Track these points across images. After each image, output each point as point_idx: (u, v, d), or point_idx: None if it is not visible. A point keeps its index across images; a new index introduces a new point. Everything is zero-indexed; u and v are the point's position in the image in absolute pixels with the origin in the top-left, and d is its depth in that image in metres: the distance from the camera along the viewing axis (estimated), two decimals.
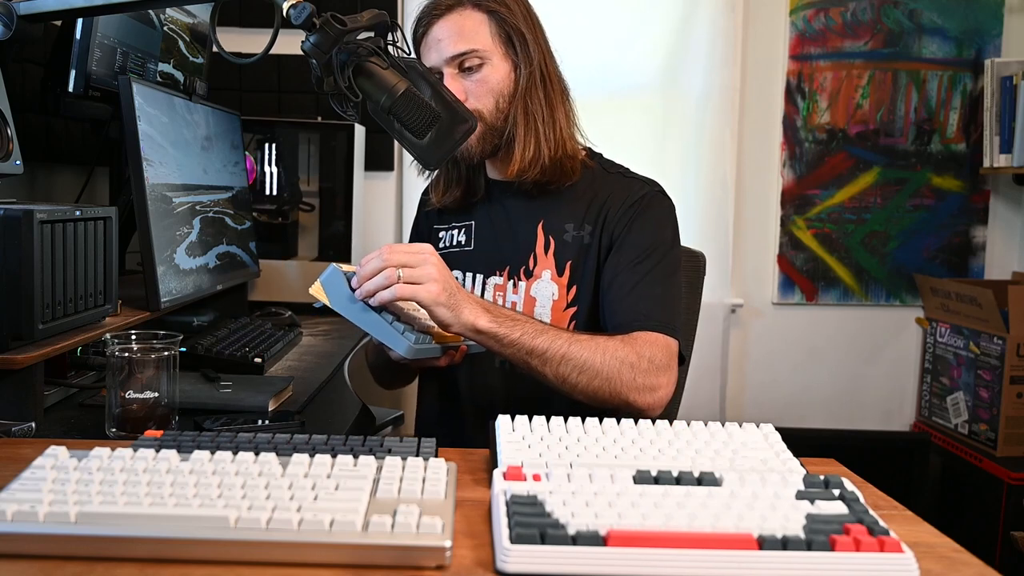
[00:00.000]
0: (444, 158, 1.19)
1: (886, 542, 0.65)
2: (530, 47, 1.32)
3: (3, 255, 1.08)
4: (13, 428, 1.04)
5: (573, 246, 1.34)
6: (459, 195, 1.41)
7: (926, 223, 2.78)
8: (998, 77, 2.62)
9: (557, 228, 1.35)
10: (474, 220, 1.42)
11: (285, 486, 0.72)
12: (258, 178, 2.21)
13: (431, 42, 1.31)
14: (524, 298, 1.34)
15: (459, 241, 1.42)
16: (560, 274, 1.34)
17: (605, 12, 2.63)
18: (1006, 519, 2.33)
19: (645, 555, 0.64)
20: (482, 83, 1.30)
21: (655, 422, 0.95)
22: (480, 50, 1.29)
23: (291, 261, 2.23)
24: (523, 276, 1.35)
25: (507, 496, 0.71)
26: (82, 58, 1.51)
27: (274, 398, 1.28)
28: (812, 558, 0.64)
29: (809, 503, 0.73)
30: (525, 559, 0.63)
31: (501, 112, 1.31)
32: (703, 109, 2.63)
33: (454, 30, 1.29)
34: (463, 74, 1.30)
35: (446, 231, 1.45)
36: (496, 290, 1.37)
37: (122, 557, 0.66)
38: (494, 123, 1.31)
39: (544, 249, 1.35)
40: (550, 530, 0.64)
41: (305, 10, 1.03)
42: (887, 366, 2.82)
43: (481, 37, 1.30)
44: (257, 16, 2.38)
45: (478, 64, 1.29)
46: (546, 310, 1.33)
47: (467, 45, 1.28)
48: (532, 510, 0.68)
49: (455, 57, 1.29)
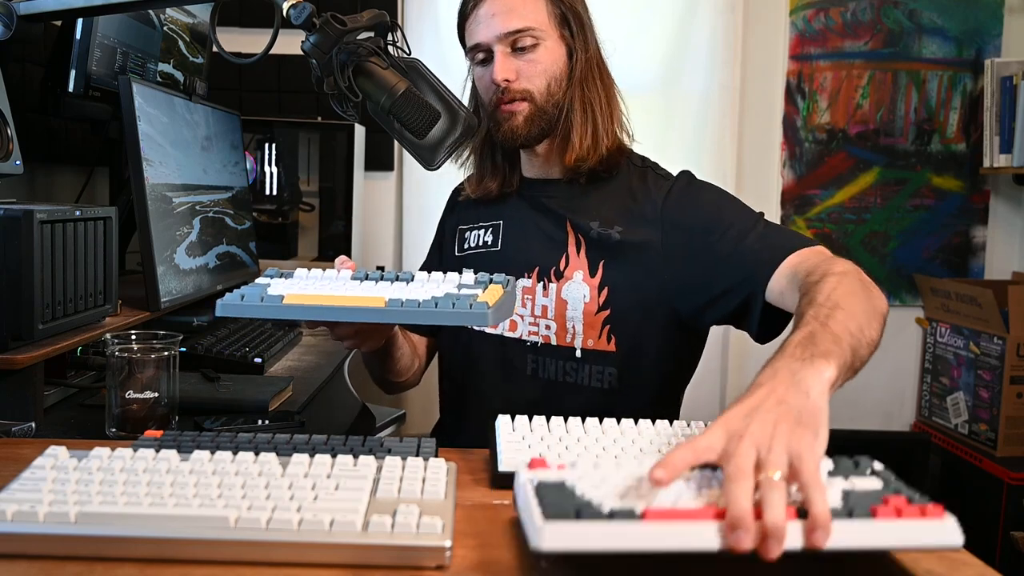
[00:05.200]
0: (444, 158, 1.19)
1: (927, 509, 0.63)
2: (587, 31, 1.29)
3: (3, 255, 1.08)
4: (13, 428, 1.04)
5: (604, 244, 1.27)
6: (495, 188, 1.36)
7: (926, 223, 2.78)
8: (998, 77, 2.62)
9: (586, 226, 1.28)
10: (502, 219, 1.36)
11: (285, 486, 0.72)
12: (258, 178, 2.21)
13: (482, 17, 1.25)
14: (555, 300, 1.28)
15: (485, 241, 1.37)
16: (592, 275, 1.27)
17: (605, 12, 2.61)
18: (1006, 519, 2.33)
19: (684, 529, 0.61)
20: (535, 63, 1.25)
21: (655, 422, 0.95)
22: (535, 29, 1.24)
23: (291, 261, 2.23)
24: (553, 277, 1.29)
25: (534, 484, 0.68)
26: (82, 58, 1.51)
27: (274, 398, 1.28)
28: (856, 526, 0.62)
29: (843, 479, 0.70)
30: (561, 536, 0.60)
31: (552, 96, 1.27)
32: (703, 109, 2.63)
33: (509, 6, 1.24)
34: (515, 53, 1.25)
35: (471, 231, 1.40)
36: (524, 292, 1.30)
37: (122, 557, 0.66)
38: (543, 106, 1.26)
39: (576, 248, 1.29)
40: (584, 509, 0.61)
41: (305, 10, 1.03)
42: (887, 366, 2.82)
43: (538, 15, 1.25)
44: (257, 16, 2.38)
45: (532, 44, 1.25)
46: (578, 313, 1.26)
47: (522, 22, 1.24)
48: (563, 493, 0.65)
49: (509, 34, 1.24)
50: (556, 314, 1.28)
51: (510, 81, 1.25)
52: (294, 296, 0.96)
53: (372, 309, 0.94)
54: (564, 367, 1.28)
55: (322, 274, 1.07)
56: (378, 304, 0.94)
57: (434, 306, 0.93)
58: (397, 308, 0.93)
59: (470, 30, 1.29)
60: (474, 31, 1.28)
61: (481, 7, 1.27)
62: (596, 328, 1.26)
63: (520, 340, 1.31)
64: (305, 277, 1.06)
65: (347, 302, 0.95)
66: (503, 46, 1.25)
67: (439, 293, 0.98)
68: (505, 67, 1.24)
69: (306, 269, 1.08)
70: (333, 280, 1.05)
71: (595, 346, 1.27)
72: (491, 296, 0.96)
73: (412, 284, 1.04)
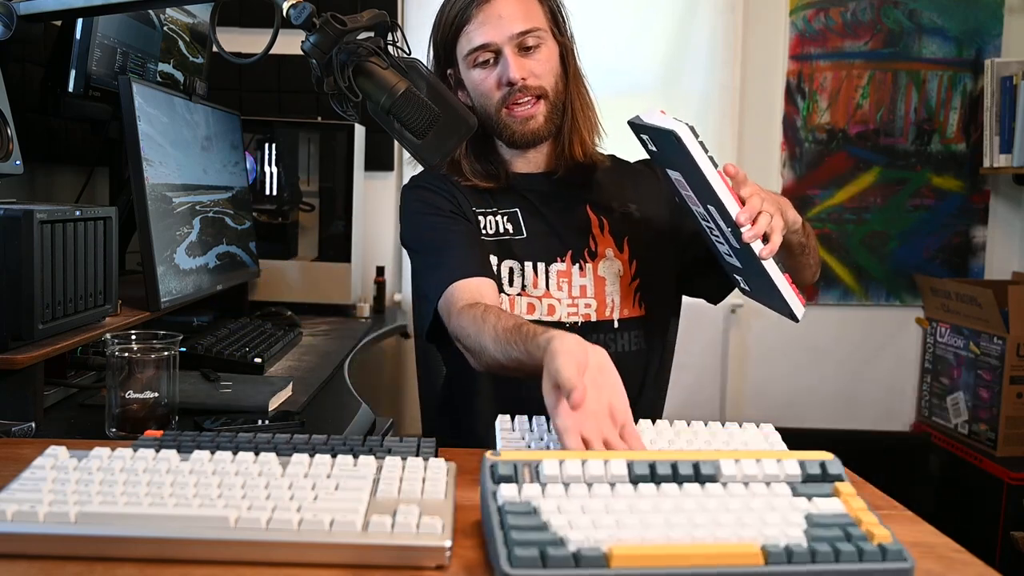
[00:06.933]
0: (444, 158, 1.19)
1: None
2: (570, 28, 1.37)
3: (3, 255, 1.08)
4: (13, 428, 1.04)
5: (626, 221, 1.37)
6: (479, 181, 1.37)
7: (926, 223, 2.78)
8: (998, 77, 2.62)
9: (605, 207, 1.38)
10: (517, 208, 1.37)
11: (285, 486, 0.72)
12: (258, 178, 2.21)
13: (489, 18, 1.29)
14: (593, 279, 1.34)
15: (507, 229, 1.36)
16: (621, 250, 1.36)
17: (605, 13, 2.63)
18: (1006, 519, 2.33)
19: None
20: (544, 62, 1.31)
21: (655, 422, 0.95)
22: (540, 29, 1.31)
23: (291, 261, 2.23)
24: (587, 257, 1.35)
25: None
26: (82, 58, 1.51)
27: (274, 398, 1.28)
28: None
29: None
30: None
31: (560, 93, 1.34)
32: (703, 109, 2.63)
33: (519, 7, 1.30)
34: (522, 53, 1.30)
35: (485, 215, 1.37)
36: (559, 276, 1.34)
37: (122, 557, 0.66)
38: (556, 102, 1.33)
39: (600, 228, 1.37)
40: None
41: (305, 10, 1.03)
42: (887, 366, 2.82)
43: (540, 17, 1.32)
44: (257, 16, 2.37)
45: (536, 44, 1.30)
46: (616, 288, 1.35)
47: (529, 23, 1.30)
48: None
49: (520, 34, 1.29)
50: (595, 292, 1.34)
51: (525, 79, 1.29)
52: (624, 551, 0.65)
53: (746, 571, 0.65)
54: (603, 339, 1.33)
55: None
56: (753, 560, 0.65)
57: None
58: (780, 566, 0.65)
59: (473, 32, 1.30)
60: (479, 33, 1.29)
61: (484, 9, 1.29)
62: (630, 298, 1.36)
63: (559, 323, 1.33)
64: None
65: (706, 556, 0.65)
66: (512, 46, 1.29)
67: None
68: (519, 65, 1.28)
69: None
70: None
71: (629, 314, 1.36)
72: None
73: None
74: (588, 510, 0.68)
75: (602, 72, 2.66)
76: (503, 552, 0.63)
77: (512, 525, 0.65)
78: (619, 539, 0.64)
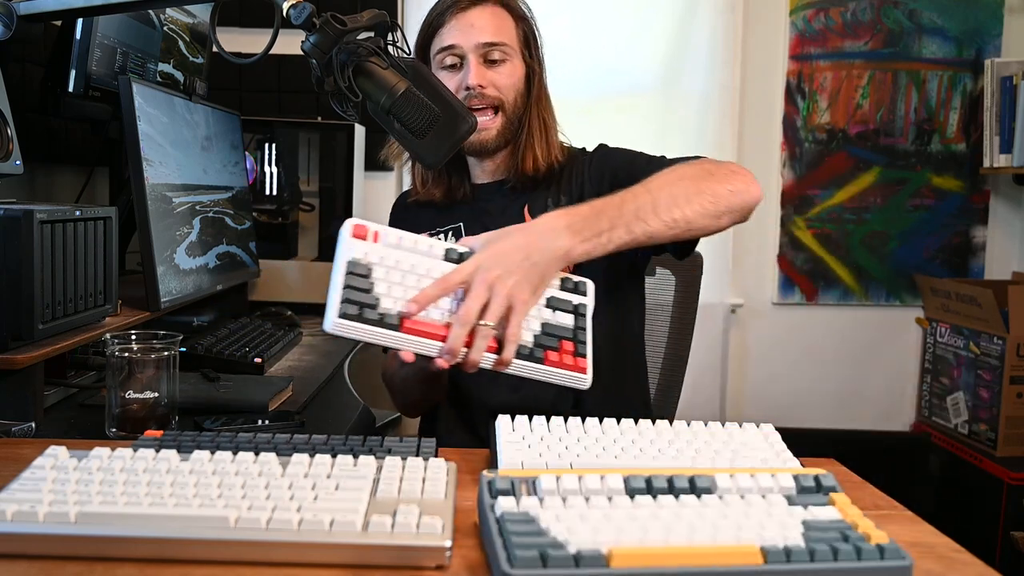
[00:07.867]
0: (444, 158, 1.19)
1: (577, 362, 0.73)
2: (541, 53, 1.41)
3: (3, 255, 1.08)
4: (13, 428, 1.04)
5: None
6: (438, 194, 1.42)
7: (926, 223, 2.78)
8: (998, 77, 2.62)
9: (541, 207, 1.37)
10: (462, 222, 1.42)
11: (285, 486, 0.72)
12: (258, 178, 2.21)
13: (462, 25, 1.33)
14: None
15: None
16: None
17: (605, 13, 2.63)
18: (1006, 519, 2.33)
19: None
20: (507, 76, 1.35)
21: (655, 422, 0.95)
22: (507, 45, 1.35)
23: (291, 261, 2.23)
24: None
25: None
26: (82, 58, 1.51)
27: (274, 398, 1.28)
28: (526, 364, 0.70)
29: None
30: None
31: (517, 109, 1.37)
32: (703, 109, 2.63)
33: (492, 21, 1.34)
34: (486, 64, 1.34)
35: (431, 235, 1.42)
36: None
37: (122, 557, 0.66)
38: (512, 117, 1.36)
39: None
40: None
41: (305, 10, 1.03)
42: (887, 366, 2.82)
43: (510, 34, 1.36)
44: (257, 16, 2.37)
45: (502, 59, 1.35)
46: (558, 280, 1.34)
47: (499, 37, 1.34)
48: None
49: (486, 45, 1.33)
50: None
51: (483, 87, 1.33)
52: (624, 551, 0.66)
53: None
54: None
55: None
56: (752, 559, 0.65)
57: None
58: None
59: (445, 33, 1.35)
60: (450, 34, 1.34)
61: (459, 17, 1.34)
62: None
63: None
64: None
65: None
66: (477, 55, 1.33)
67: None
68: (480, 73, 1.33)
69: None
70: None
71: None
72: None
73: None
74: (586, 518, 0.68)
75: (602, 72, 2.72)
76: (503, 554, 0.63)
77: (512, 531, 0.65)
78: (619, 542, 0.64)
